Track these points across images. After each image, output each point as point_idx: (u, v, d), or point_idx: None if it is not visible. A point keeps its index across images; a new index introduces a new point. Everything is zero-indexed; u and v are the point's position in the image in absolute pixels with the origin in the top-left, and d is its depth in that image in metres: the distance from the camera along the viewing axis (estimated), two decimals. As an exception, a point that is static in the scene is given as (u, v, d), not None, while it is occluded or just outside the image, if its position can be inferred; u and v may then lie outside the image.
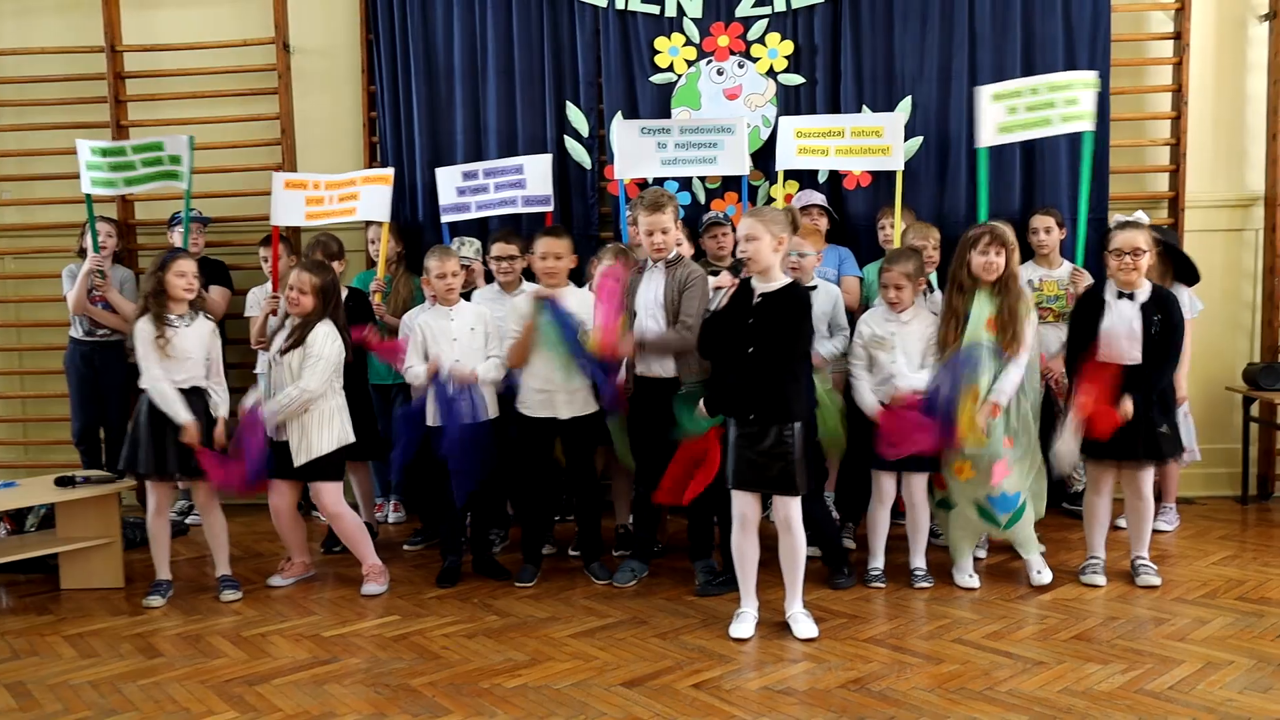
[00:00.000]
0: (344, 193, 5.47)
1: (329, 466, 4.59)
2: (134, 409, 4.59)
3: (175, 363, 4.49)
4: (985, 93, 5.22)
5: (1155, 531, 4.92)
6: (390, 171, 5.51)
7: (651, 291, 4.51)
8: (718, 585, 4.46)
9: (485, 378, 4.65)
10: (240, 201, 6.17)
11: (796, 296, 3.95)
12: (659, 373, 4.49)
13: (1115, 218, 4.92)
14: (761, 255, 3.90)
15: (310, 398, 4.48)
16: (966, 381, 4.20)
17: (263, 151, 6.23)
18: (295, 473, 4.57)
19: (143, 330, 4.49)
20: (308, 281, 4.55)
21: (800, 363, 3.99)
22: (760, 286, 3.94)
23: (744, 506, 3.99)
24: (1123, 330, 4.29)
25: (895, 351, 4.42)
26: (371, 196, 5.42)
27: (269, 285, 5.48)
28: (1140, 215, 4.80)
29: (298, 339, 4.53)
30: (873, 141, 5.37)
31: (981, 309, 4.30)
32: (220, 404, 4.64)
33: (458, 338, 4.68)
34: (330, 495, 4.64)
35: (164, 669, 3.84)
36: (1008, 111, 5.18)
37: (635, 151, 5.46)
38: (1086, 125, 5.14)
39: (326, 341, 4.53)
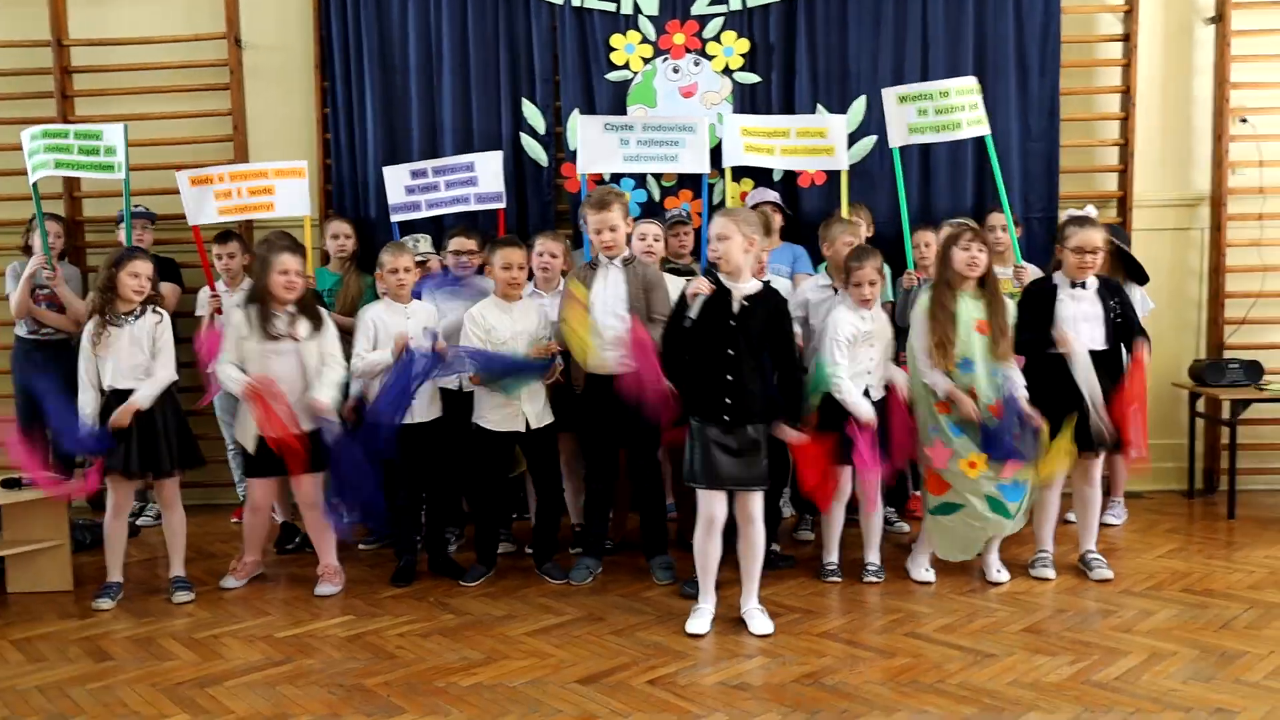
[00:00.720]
0: (254, 185, 5.41)
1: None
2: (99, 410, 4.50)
3: (108, 362, 4.40)
4: (891, 95, 5.32)
5: (1104, 525, 5.01)
6: (304, 164, 5.50)
7: (611, 289, 4.53)
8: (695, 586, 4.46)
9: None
10: (192, 198, 6.09)
11: (781, 303, 4.03)
12: (615, 370, 4.49)
13: (1068, 213, 5.01)
14: (733, 255, 3.92)
15: None
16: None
17: (214, 148, 6.16)
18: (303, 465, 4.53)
19: (87, 329, 4.46)
20: (301, 263, 4.53)
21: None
22: (739, 289, 3.95)
23: (713, 506, 3.98)
24: (1085, 316, 4.38)
25: (873, 349, 4.46)
26: (288, 191, 5.40)
27: (221, 284, 5.43)
28: (1090, 209, 4.89)
29: (317, 321, 4.54)
30: (817, 142, 5.45)
31: (968, 312, 4.33)
32: (144, 392, 4.44)
33: (412, 337, 4.66)
34: (316, 485, 4.62)
35: (114, 672, 3.79)
36: (917, 113, 5.25)
37: (597, 147, 5.49)
38: (985, 129, 5.22)
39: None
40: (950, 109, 5.20)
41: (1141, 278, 5.25)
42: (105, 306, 4.44)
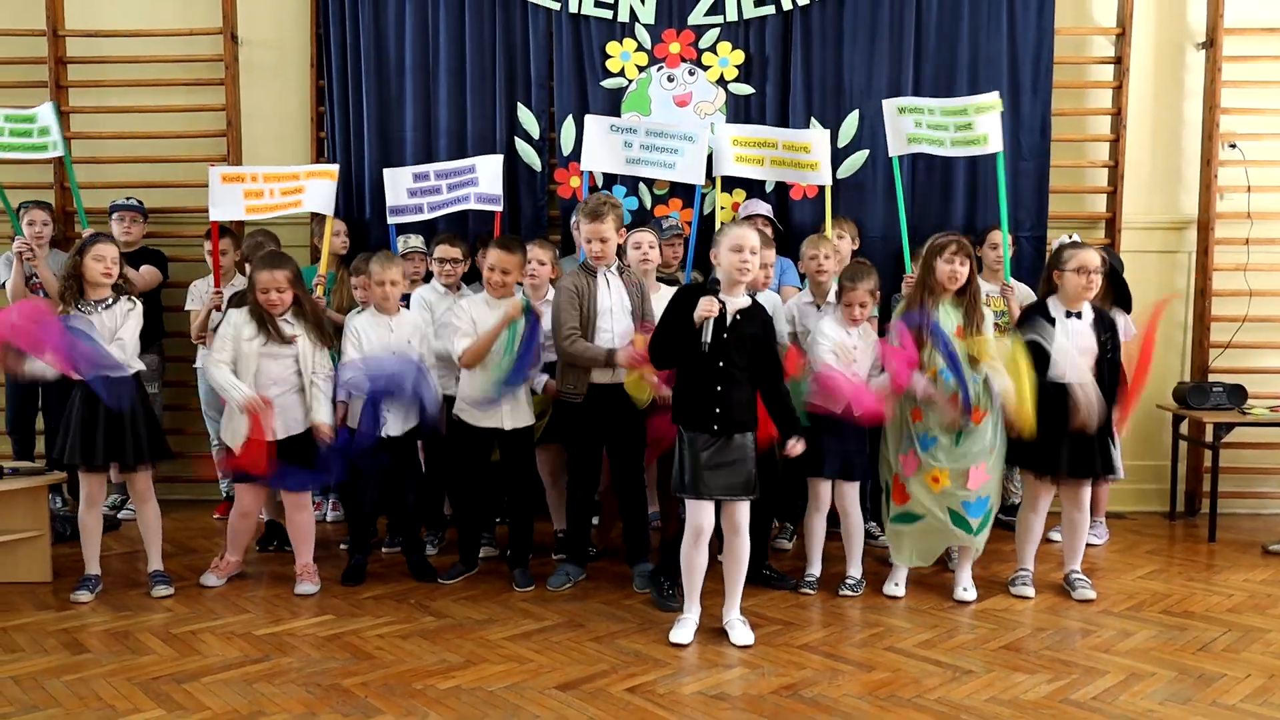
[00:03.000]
0: (286, 186, 5.38)
1: None
2: (69, 399, 4.48)
3: None
4: (890, 105, 5.37)
5: (1086, 545, 5.01)
6: (335, 167, 5.47)
7: (615, 297, 4.53)
8: (669, 597, 4.42)
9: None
10: (183, 193, 6.08)
11: (768, 317, 4.07)
12: (605, 379, 4.51)
13: (1060, 239, 5.02)
14: (755, 268, 4.00)
15: None
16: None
17: (208, 143, 6.16)
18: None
19: None
20: (281, 278, 4.48)
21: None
22: (732, 304, 3.97)
23: (701, 517, 3.97)
24: (1078, 347, 4.38)
25: (857, 364, 4.48)
26: (317, 190, 5.37)
27: (212, 279, 5.40)
28: (1075, 238, 4.92)
29: (324, 336, 4.58)
30: (801, 156, 5.46)
31: (948, 321, 4.37)
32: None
33: (395, 351, 4.65)
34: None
35: (90, 665, 3.77)
36: (915, 124, 5.29)
37: (601, 147, 5.51)
38: (985, 149, 5.23)
39: None
40: (940, 126, 5.24)
41: (1127, 304, 5.28)
42: (73, 294, 4.40)
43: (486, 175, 5.55)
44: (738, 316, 3.96)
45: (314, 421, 4.52)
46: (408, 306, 5.00)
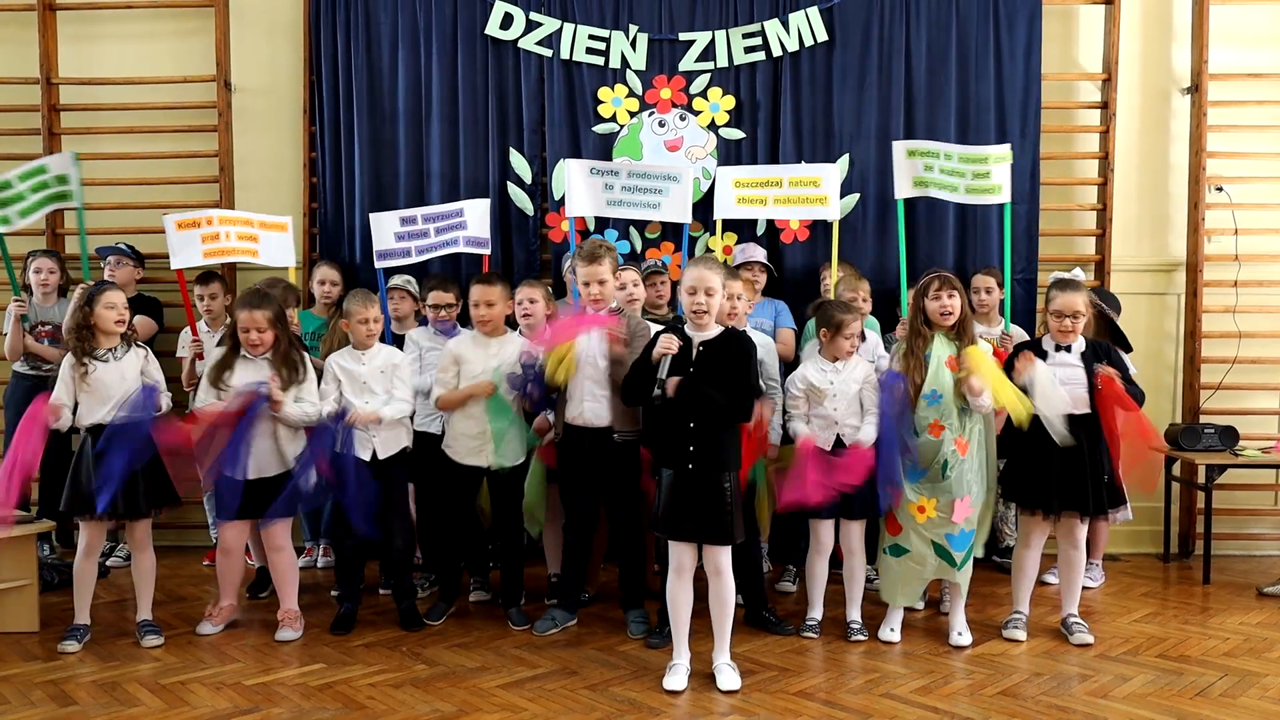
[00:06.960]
0: (241, 231, 5.37)
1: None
2: (79, 450, 4.47)
3: (97, 399, 4.38)
4: (900, 147, 5.39)
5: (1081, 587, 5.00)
6: (288, 219, 5.52)
7: (596, 340, 4.53)
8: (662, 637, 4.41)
9: (388, 418, 4.60)
10: (176, 238, 6.07)
11: (740, 340, 4.02)
12: (590, 421, 4.51)
13: (1055, 275, 5.03)
14: (714, 308, 3.98)
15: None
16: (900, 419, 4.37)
17: (200, 189, 6.17)
18: (263, 509, 4.51)
19: (64, 366, 4.44)
20: (261, 318, 4.48)
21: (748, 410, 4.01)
22: (698, 336, 3.98)
23: (680, 556, 3.98)
24: (1065, 380, 4.41)
25: (836, 399, 4.48)
26: (272, 242, 5.41)
27: (197, 327, 5.41)
28: (1078, 272, 4.93)
29: (295, 371, 4.53)
30: (810, 191, 5.44)
31: (941, 350, 4.41)
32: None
33: (367, 380, 4.65)
34: (282, 528, 4.63)
35: (77, 718, 3.72)
36: (924, 168, 5.31)
37: (583, 190, 5.51)
38: (997, 198, 5.27)
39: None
40: (956, 172, 5.25)
41: (1125, 346, 5.29)
42: (84, 345, 4.40)
43: (474, 218, 5.56)
44: (701, 348, 3.96)
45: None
46: (400, 347, 5.01)
